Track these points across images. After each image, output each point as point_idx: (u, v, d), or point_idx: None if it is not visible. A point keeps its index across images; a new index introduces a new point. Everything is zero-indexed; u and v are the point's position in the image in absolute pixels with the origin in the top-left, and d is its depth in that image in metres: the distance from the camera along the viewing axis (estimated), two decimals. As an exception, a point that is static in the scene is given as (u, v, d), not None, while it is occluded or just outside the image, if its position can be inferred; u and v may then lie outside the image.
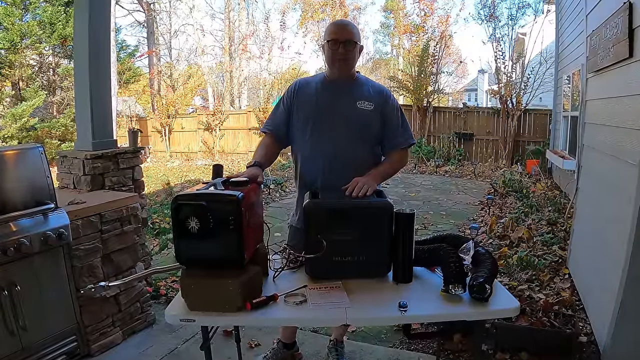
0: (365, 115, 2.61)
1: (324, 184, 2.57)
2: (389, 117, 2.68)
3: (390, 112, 2.68)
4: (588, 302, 3.82)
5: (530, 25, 13.79)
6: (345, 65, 2.61)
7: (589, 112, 4.61)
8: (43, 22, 14.10)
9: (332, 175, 2.57)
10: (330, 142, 2.59)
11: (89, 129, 3.84)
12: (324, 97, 2.65)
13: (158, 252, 5.81)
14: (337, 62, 2.58)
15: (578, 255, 4.48)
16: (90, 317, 3.23)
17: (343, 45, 2.54)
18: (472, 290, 1.92)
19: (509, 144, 13.23)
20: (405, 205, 8.46)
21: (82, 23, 3.78)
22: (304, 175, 2.71)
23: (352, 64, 2.65)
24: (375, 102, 2.64)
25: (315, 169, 2.63)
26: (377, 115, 2.64)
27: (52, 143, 13.52)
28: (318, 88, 2.70)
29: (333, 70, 2.64)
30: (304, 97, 2.70)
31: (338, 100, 2.63)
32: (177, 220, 1.85)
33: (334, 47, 2.54)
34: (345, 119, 2.60)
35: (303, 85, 2.76)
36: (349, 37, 2.55)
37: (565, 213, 6.59)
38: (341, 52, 2.54)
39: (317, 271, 2.19)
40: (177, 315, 1.91)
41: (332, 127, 2.60)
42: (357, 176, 2.38)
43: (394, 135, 2.69)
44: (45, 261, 2.91)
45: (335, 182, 2.46)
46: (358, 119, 2.60)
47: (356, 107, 2.60)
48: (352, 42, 2.56)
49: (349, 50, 2.56)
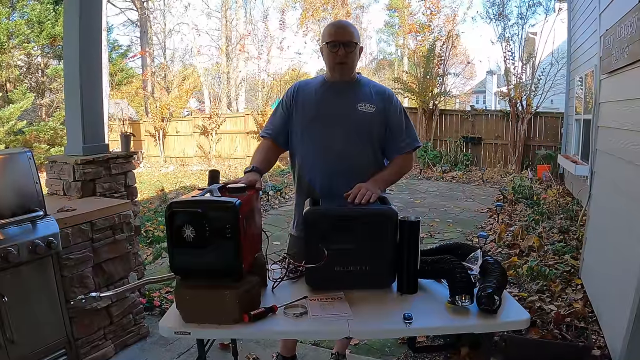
0: (367, 118, 2.62)
1: (324, 190, 2.58)
2: (392, 119, 2.68)
3: (393, 114, 2.68)
4: (602, 313, 3.81)
5: (541, 25, 13.79)
6: (347, 69, 2.62)
7: (603, 115, 4.61)
8: (31, 20, 14.17)
9: (332, 180, 2.58)
10: (330, 146, 2.60)
11: (80, 132, 3.85)
12: (324, 99, 2.66)
13: (152, 261, 5.81)
14: (338, 65, 2.59)
15: (591, 265, 4.47)
16: (81, 330, 3.23)
17: (343, 47, 2.55)
18: (480, 302, 1.92)
19: (518, 149, 13.23)
20: (411, 212, 8.49)
21: (72, 22, 3.78)
22: (303, 180, 2.72)
23: (353, 67, 2.66)
24: (376, 104, 2.64)
25: (315, 174, 2.64)
26: (379, 117, 2.64)
27: (41, 147, 13.54)
28: (318, 90, 2.71)
29: (333, 74, 2.65)
30: (303, 99, 2.71)
31: (338, 102, 2.64)
32: (172, 228, 1.85)
33: (334, 49, 2.55)
34: (346, 122, 2.61)
35: (302, 87, 2.77)
36: (349, 38, 2.56)
37: (577, 221, 6.58)
38: (341, 55, 2.55)
39: (318, 282, 2.19)
40: (172, 328, 1.91)
41: (333, 131, 2.60)
42: (358, 181, 2.39)
43: (397, 138, 2.69)
44: (33, 271, 2.90)
45: (335, 188, 2.47)
46: (359, 122, 2.61)
47: (357, 110, 2.61)
48: (352, 44, 2.56)
49: (350, 52, 2.57)
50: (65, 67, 4.03)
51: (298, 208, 2.77)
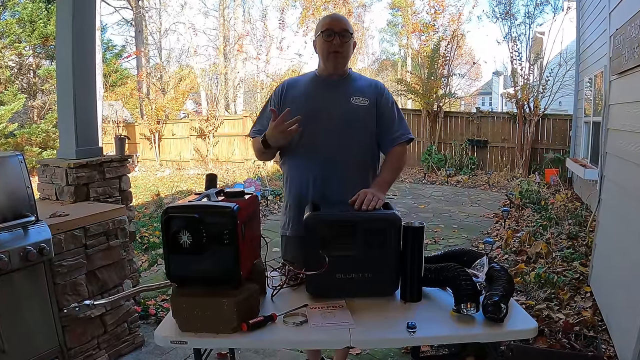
0: (361, 111, 2.65)
1: (317, 188, 2.61)
2: (384, 111, 2.72)
3: (385, 106, 2.72)
4: (611, 322, 3.81)
5: (549, 24, 13.78)
6: (341, 59, 2.65)
7: (613, 117, 4.62)
8: (23, 20, 14.20)
9: (327, 179, 2.60)
10: (323, 142, 2.62)
11: (73, 135, 3.86)
12: (315, 95, 2.69)
13: (147, 268, 5.81)
14: (333, 54, 2.62)
15: (601, 272, 4.47)
16: (74, 339, 3.23)
17: (338, 36, 2.59)
18: (486, 310, 1.92)
19: (525, 152, 13.24)
20: (414, 217, 8.50)
21: (65, 21, 3.80)
22: (294, 178, 2.73)
23: (347, 58, 2.70)
24: (369, 97, 2.68)
25: (308, 173, 2.65)
26: (372, 110, 2.68)
27: (33, 151, 13.56)
28: (308, 86, 2.74)
29: (327, 64, 2.68)
30: (292, 96, 2.72)
31: (330, 97, 2.67)
32: (168, 234, 1.85)
33: (329, 38, 2.59)
34: (339, 117, 2.63)
35: (291, 84, 2.80)
36: (344, 27, 2.61)
37: (586, 226, 6.57)
38: (337, 44, 2.59)
39: (319, 289, 2.19)
40: (168, 337, 1.91)
41: (326, 127, 2.62)
42: (354, 178, 2.48)
43: (390, 129, 2.72)
44: (25, 278, 2.90)
45: (329, 185, 2.53)
46: (354, 116, 2.64)
47: (350, 103, 2.64)
48: (347, 34, 2.61)
49: (345, 41, 2.61)
50: (57, 68, 4.03)
51: (292, 208, 2.76)
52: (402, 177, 13.49)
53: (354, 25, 17.97)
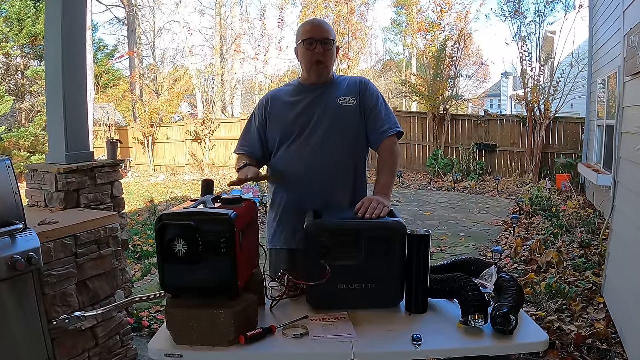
0: (350, 111, 2.68)
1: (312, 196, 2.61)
2: (371, 105, 2.73)
3: (370, 99, 2.74)
4: (626, 335, 3.81)
5: (561, 23, 13.78)
6: (324, 69, 2.68)
7: (627, 120, 4.62)
8: (10, 18, 14.23)
9: (320, 186, 2.62)
10: (310, 154, 2.64)
11: (62, 139, 3.85)
12: (302, 103, 2.71)
13: (140, 278, 5.81)
14: (315, 65, 2.65)
15: (614, 282, 4.47)
16: (64, 352, 3.22)
17: (320, 44, 2.61)
18: (495, 322, 1.92)
19: (536, 157, 13.23)
20: (420, 225, 8.50)
21: (55, 20, 3.79)
22: (281, 193, 2.75)
23: (330, 67, 2.72)
24: (355, 95, 2.71)
25: (300, 181, 2.66)
26: (360, 109, 2.70)
27: (21, 155, 13.59)
28: (293, 96, 2.76)
29: (310, 74, 2.70)
30: (277, 110, 2.75)
31: (318, 102, 2.69)
32: (162, 242, 1.85)
33: (310, 47, 2.61)
34: (327, 125, 2.65)
35: (275, 96, 2.83)
36: (326, 35, 2.63)
37: (600, 235, 6.58)
38: (319, 53, 2.61)
39: (320, 300, 2.20)
40: (162, 350, 1.90)
41: (313, 137, 2.64)
42: (344, 184, 2.56)
43: (379, 123, 2.72)
44: (12, 289, 2.89)
45: (325, 195, 2.58)
46: (343, 118, 2.67)
47: (339, 105, 2.67)
48: (329, 41, 2.63)
49: (328, 50, 2.63)
50: (47, 69, 4.03)
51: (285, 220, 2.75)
52: (407, 183, 13.50)
53: (357, 24, 17.96)
